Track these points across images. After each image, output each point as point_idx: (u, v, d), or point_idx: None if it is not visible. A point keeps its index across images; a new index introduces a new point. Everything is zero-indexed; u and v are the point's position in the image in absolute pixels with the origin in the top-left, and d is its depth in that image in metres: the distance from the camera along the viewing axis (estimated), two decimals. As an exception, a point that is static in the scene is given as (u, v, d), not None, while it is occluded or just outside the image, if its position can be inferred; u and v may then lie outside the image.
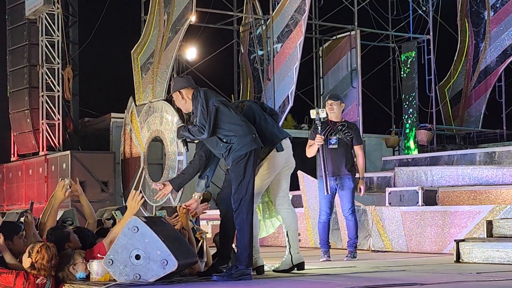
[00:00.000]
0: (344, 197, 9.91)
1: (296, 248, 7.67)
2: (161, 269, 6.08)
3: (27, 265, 6.22)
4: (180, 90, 7.07)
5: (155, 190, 16.53)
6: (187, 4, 16.05)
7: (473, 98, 20.07)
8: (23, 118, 19.26)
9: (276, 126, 7.56)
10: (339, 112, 9.82)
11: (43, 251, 6.20)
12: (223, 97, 7.25)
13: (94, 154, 18.00)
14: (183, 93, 7.06)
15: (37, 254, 6.19)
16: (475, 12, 20.14)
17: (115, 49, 20.09)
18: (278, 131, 7.50)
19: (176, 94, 7.10)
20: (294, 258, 7.65)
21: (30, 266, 6.21)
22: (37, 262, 6.19)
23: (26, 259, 6.25)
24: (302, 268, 7.70)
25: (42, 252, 6.19)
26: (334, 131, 9.74)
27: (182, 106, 7.13)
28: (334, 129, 9.75)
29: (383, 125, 20.73)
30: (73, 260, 6.35)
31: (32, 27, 19.11)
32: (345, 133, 9.74)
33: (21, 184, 19.42)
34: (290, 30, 16.67)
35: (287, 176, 7.72)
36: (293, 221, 7.71)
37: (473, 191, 12.13)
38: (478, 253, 8.65)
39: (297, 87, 16.81)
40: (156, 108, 16.73)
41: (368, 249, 11.60)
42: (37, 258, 6.19)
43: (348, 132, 9.75)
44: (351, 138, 9.75)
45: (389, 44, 20.91)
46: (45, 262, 6.19)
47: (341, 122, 9.84)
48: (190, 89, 7.04)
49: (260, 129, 7.28)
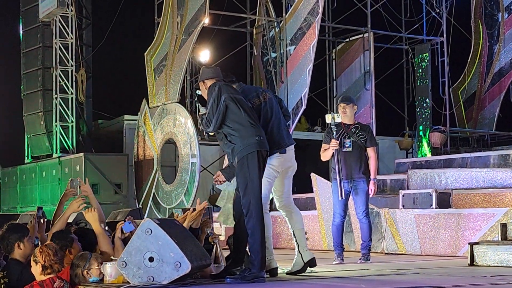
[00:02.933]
0: (358, 200, 9.89)
1: (304, 246, 7.69)
2: (175, 271, 6.09)
3: (39, 271, 6.23)
4: (204, 80, 7.24)
5: (168, 192, 16.57)
6: (200, 6, 16.06)
7: (487, 100, 20.02)
8: (36, 120, 19.31)
9: (286, 130, 7.60)
10: (352, 114, 9.82)
11: (45, 250, 6.24)
12: None
13: (107, 156, 18.02)
14: (207, 83, 7.19)
15: (41, 254, 6.22)
16: (489, 14, 20.10)
17: (129, 51, 20.14)
18: (287, 136, 7.54)
19: (201, 84, 7.32)
20: (304, 256, 7.66)
21: (42, 269, 6.22)
22: (45, 261, 6.20)
23: (35, 268, 6.25)
24: (314, 264, 7.71)
25: (44, 251, 6.23)
26: (348, 134, 9.73)
27: (206, 96, 7.21)
28: (348, 132, 9.74)
29: (397, 127, 20.69)
30: (89, 265, 6.35)
31: (46, 29, 19.15)
32: (359, 136, 9.74)
33: (34, 186, 19.48)
34: (303, 33, 16.67)
35: (289, 178, 7.75)
36: (297, 221, 7.75)
37: (487, 193, 12.07)
38: (492, 256, 8.62)
39: (310, 89, 16.80)
40: (169, 110, 16.75)
41: (381, 251, 11.58)
42: (44, 258, 6.21)
43: (361, 134, 9.75)
44: (364, 141, 9.75)
45: (403, 46, 20.87)
46: (52, 257, 6.21)
47: (355, 124, 9.84)
48: (213, 80, 7.18)
49: (272, 128, 7.35)
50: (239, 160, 6.87)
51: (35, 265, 6.26)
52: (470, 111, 20.26)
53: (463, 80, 20.40)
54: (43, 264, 6.21)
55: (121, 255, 6.17)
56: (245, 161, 6.84)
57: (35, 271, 6.27)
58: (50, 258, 6.21)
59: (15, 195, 20.50)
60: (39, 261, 6.22)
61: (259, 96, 7.47)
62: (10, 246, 6.59)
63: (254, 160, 6.85)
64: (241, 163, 6.86)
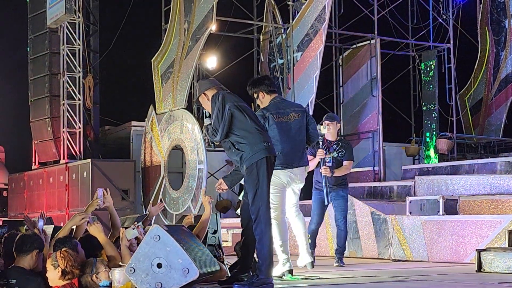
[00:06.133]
0: (338, 207, 10.65)
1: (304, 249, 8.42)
2: (183, 278, 6.10)
3: (59, 276, 6.21)
4: (205, 92, 7.23)
5: (175, 199, 16.59)
6: (208, 13, 16.09)
7: (493, 107, 20.00)
8: (44, 127, 19.35)
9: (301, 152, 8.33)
10: (335, 131, 10.56)
11: (66, 255, 6.23)
12: None
13: (114, 162, 18.04)
14: (208, 94, 7.21)
15: (63, 259, 6.21)
16: (495, 20, 20.09)
17: (136, 57, 20.19)
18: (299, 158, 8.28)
19: (202, 96, 7.29)
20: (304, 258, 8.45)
21: (62, 274, 6.21)
22: (67, 266, 6.20)
23: (53, 272, 6.22)
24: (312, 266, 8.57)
25: (66, 256, 6.22)
26: (329, 150, 10.44)
27: (208, 108, 7.23)
28: (329, 148, 10.45)
29: (403, 133, 20.67)
30: (96, 269, 6.36)
31: (53, 36, 19.21)
32: (339, 152, 10.49)
33: (42, 192, 19.51)
34: (310, 39, 16.69)
35: (298, 190, 8.50)
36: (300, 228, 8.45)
37: (494, 200, 12.07)
38: (500, 263, 8.61)
39: (317, 96, 16.81)
40: (176, 117, 16.78)
41: (388, 258, 11.58)
42: (65, 263, 6.20)
43: (341, 151, 10.49)
44: (343, 156, 10.50)
45: (409, 53, 20.86)
46: (74, 262, 6.22)
47: (336, 141, 10.57)
48: (213, 89, 7.19)
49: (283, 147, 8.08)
50: (248, 167, 6.89)
51: (53, 269, 6.23)
52: (477, 117, 20.24)
53: (470, 86, 20.39)
54: (64, 269, 6.20)
55: (130, 261, 6.18)
56: (254, 167, 6.86)
57: (53, 275, 6.24)
58: (72, 263, 6.21)
59: (22, 201, 20.53)
60: (59, 266, 6.21)
61: (289, 114, 8.13)
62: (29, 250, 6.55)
63: (263, 166, 6.87)
64: (250, 170, 6.88)
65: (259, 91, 8.23)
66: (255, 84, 8.29)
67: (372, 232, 11.94)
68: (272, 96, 8.24)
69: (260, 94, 8.23)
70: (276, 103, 8.24)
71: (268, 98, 8.26)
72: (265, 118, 8.05)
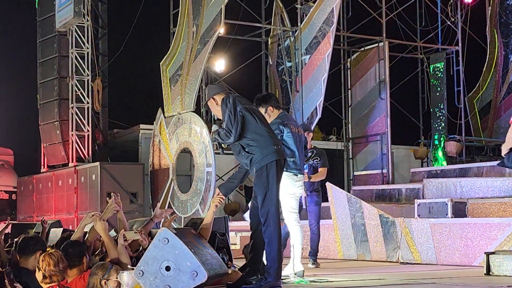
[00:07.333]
0: (312, 212, 11.00)
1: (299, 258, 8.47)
2: (191, 281, 6.11)
3: (41, 279, 6.28)
4: (213, 96, 7.26)
5: (183, 201, 16.61)
6: (216, 16, 16.11)
7: (502, 109, 19.96)
8: (52, 130, 19.40)
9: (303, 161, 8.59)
10: (308, 140, 10.75)
11: (46, 258, 6.28)
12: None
13: (123, 165, 18.07)
14: (217, 99, 7.24)
15: (42, 263, 6.28)
16: (504, 23, 20.06)
17: (144, 61, 20.22)
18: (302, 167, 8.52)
19: (210, 101, 7.31)
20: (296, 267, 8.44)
21: (43, 278, 6.27)
22: (45, 270, 6.25)
23: (38, 274, 6.31)
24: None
25: (46, 259, 6.28)
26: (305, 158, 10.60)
27: (217, 112, 7.29)
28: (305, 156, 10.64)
29: (412, 136, 20.65)
30: (108, 275, 6.37)
31: (62, 39, 19.27)
32: (314, 160, 10.92)
33: (50, 195, 19.55)
34: (318, 42, 16.69)
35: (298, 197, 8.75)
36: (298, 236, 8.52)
37: (503, 203, 12.05)
38: (509, 265, 8.59)
39: (325, 98, 16.81)
40: (185, 120, 16.80)
41: (397, 261, 11.56)
42: (44, 267, 6.26)
43: (316, 158, 10.92)
44: (318, 163, 10.90)
45: (418, 55, 20.83)
46: (52, 267, 6.25)
47: (311, 149, 10.95)
48: (222, 94, 7.21)
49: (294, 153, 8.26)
50: (257, 169, 6.90)
51: (38, 271, 6.32)
52: (486, 120, 20.21)
53: (479, 89, 20.36)
54: (43, 273, 6.26)
55: (138, 264, 6.20)
56: (264, 170, 6.88)
57: (38, 277, 6.33)
58: (50, 268, 6.25)
59: (31, 204, 20.59)
60: (41, 269, 6.28)
61: (297, 127, 8.44)
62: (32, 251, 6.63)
63: (273, 169, 6.89)
64: (260, 173, 6.89)
65: (269, 106, 8.46)
66: (265, 100, 8.50)
67: (381, 235, 11.92)
68: (280, 110, 8.56)
69: (269, 109, 8.44)
70: (286, 116, 8.59)
71: (277, 112, 8.52)
72: (284, 125, 8.28)
